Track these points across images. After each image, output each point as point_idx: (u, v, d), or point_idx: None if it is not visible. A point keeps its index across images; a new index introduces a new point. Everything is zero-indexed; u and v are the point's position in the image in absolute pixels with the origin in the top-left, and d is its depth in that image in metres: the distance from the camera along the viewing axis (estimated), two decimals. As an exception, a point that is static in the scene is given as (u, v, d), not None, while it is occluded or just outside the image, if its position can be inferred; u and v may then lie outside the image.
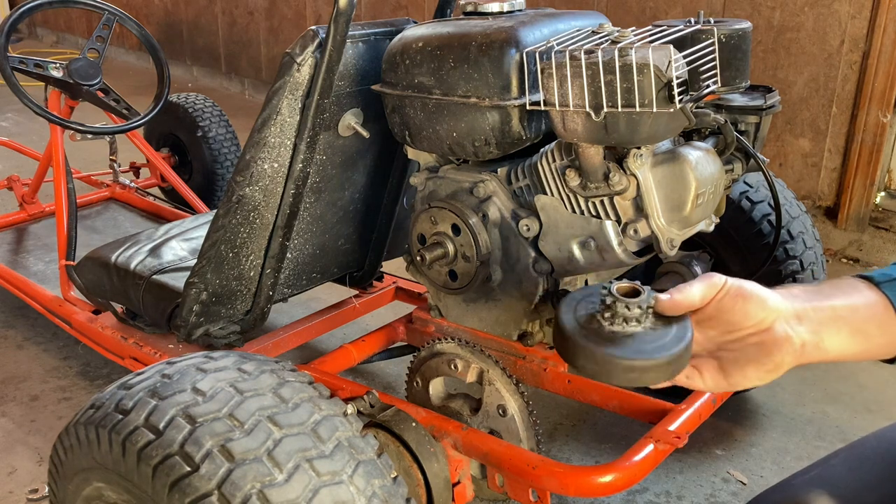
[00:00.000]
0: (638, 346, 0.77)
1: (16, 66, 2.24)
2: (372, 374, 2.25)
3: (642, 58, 1.11)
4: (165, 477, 0.94)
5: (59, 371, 2.26)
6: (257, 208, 1.48)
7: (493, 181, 1.41)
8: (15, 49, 6.70)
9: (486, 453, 1.29)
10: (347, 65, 1.47)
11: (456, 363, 1.42)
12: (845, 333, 0.80)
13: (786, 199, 1.84)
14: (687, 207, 1.29)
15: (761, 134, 1.46)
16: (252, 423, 0.96)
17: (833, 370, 2.29)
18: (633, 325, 0.79)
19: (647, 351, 0.77)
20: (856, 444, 0.93)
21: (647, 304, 0.80)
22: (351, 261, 1.86)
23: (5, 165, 3.66)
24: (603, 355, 0.77)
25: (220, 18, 5.82)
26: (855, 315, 0.81)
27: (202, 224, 2.03)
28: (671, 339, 0.78)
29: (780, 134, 3.24)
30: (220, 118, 3.06)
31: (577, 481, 1.20)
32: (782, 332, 0.78)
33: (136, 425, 0.98)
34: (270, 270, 1.55)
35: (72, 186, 2.29)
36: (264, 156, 1.43)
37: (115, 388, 1.07)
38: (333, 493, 0.93)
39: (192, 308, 1.55)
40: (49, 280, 2.28)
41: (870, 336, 0.81)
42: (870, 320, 0.81)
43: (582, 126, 1.19)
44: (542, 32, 1.33)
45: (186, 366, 1.06)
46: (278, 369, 1.08)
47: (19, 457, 1.90)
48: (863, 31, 2.93)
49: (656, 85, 1.11)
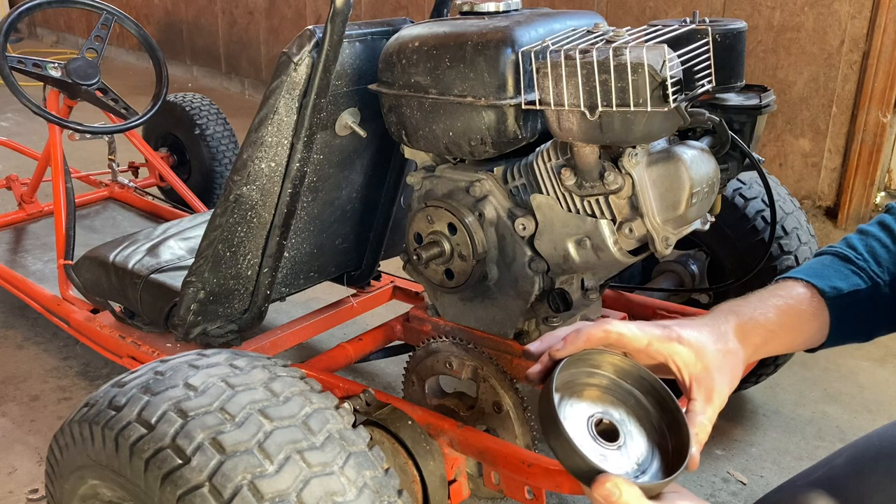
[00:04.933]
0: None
1: (14, 66, 2.24)
2: (372, 373, 2.25)
3: (637, 57, 1.11)
4: (157, 470, 0.94)
5: (59, 371, 2.26)
6: (254, 207, 1.48)
7: (489, 180, 1.41)
8: (15, 49, 6.70)
9: (481, 451, 1.29)
10: (344, 64, 1.47)
11: (451, 361, 1.43)
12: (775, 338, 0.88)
13: (779, 196, 1.84)
14: (682, 206, 1.29)
15: (757, 133, 1.46)
16: (243, 416, 0.97)
17: (833, 370, 2.29)
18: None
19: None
20: (859, 444, 0.93)
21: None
22: (348, 260, 1.87)
23: (4, 165, 3.67)
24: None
25: (220, 18, 5.83)
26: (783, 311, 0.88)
27: (200, 223, 2.03)
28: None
29: (780, 134, 3.24)
30: (217, 117, 3.07)
31: (571, 479, 1.20)
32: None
33: (128, 420, 0.98)
34: (268, 269, 1.56)
35: (70, 186, 2.29)
36: (261, 155, 1.43)
37: (108, 386, 1.08)
38: (324, 484, 0.93)
39: (189, 307, 1.55)
40: (48, 279, 2.28)
41: (794, 328, 0.88)
42: (794, 312, 0.89)
43: (577, 125, 1.19)
44: (538, 32, 1.33)
45: (179, 363, 1.07)
46: (270, 365, 1.09)
47: (19, 457, 1.90)
48: (863, 31, 2.93)
49: (651, 84, 1.12)
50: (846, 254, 0.94)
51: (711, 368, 0.80)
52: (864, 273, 0.92)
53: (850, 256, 0.94)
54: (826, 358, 2.35)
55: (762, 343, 0.87)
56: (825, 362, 2.33)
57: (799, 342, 0.91)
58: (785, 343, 0.89)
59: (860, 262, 0.93)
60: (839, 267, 0.93)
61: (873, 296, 0.91)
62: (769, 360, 1.91)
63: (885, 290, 0.91)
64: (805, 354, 2.25)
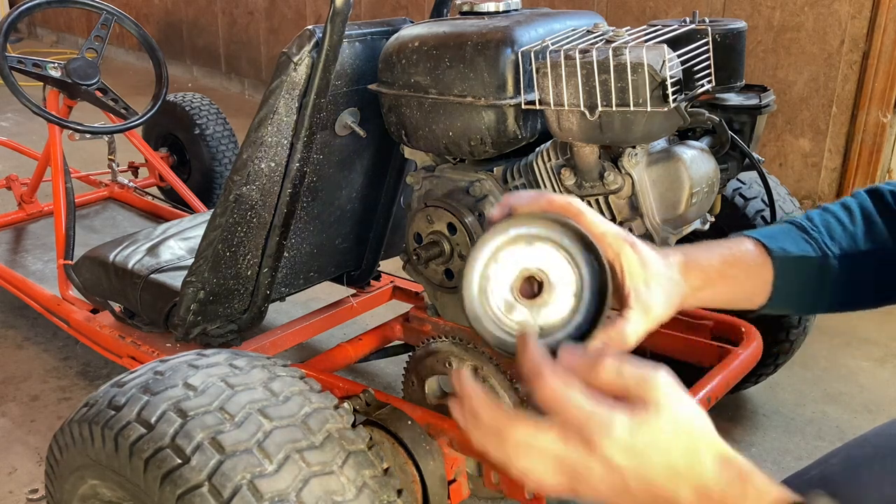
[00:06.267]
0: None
1: (14, 66, 2.24)
2: (372, 374, 2.25)
3: (636, 57, 1.12)
4: (157, 470, 0.94)
5: (59, 371, 2.26)
6: (254, 207, 1.48)
7: (489, 180, 1.41)
8: (15, 49, 6.71)
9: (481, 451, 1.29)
10: (344, 64, 1.47)
11: (450, 361, 1.43)
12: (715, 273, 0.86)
13: (779, 196, 1.85)
14: (682, 206, 1.29)
15: (756, 133, 1.46)
16: (242, 415, 0.97)
17: (833, 370, 2.29)
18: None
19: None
20: (855, 443, 0.92)
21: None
22: (348, 260, 1.87)
23: (4, 165, 3.67)
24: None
25: (219, 18, 5.83)
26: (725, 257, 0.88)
27: (200, 223, 2.03)
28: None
29: (780, 134, 3.24)
30: (217, 117, 3.07)
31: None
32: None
33: (128, 420, 0.99)
34: (268, 269, 1.56)
35: (70, 186, 2.29)
36: (261, 155, 1.43)
37: (108, 386, 1.08)
38: (323, 483, 0.93)
39: (189, 307, 1.55)
40: (47, 279, 2.28)
41: (736, 280, 0.87)
42: (738, 264, 0.87)
43: (577, 125, 1.19)
44: (538, 32, 1.33)
45: (178, 363, 1.07)
46: (269, 364, 1.09)
47: (19, 457, 1.90)
48: (863, 31, 2.92)
49: (651, 84, 1.12)
50: (802, 224, 0.94)
51: (653, 285, 0.78)
52: (815, 243, 0.91)
53: (805, 226, 0.93)
54: (826, 358, 2.35)
55: (701, 286, 0.85)
56: (825, 362, 2.33)
57: (739, 297, 0.90)
58: (724, 293, 0.88)
59: (814, 233, 0.92)
60: (792, 233, 0.93)
61: (821, 267, 0.91)
62: (769, 360, 1.91)
63: (833, 262, 0.91)
64: (805, 354, 2.26)
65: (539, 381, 0.64)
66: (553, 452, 0.62)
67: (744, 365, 1.53)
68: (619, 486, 0.61)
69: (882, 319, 2.58)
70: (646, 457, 0.61)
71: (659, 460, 0.61)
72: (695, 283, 0.85)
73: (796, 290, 0.91)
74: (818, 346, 2.39)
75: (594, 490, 0.62)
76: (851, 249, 0.92)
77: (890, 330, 2.52)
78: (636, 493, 0.61)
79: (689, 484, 0.61)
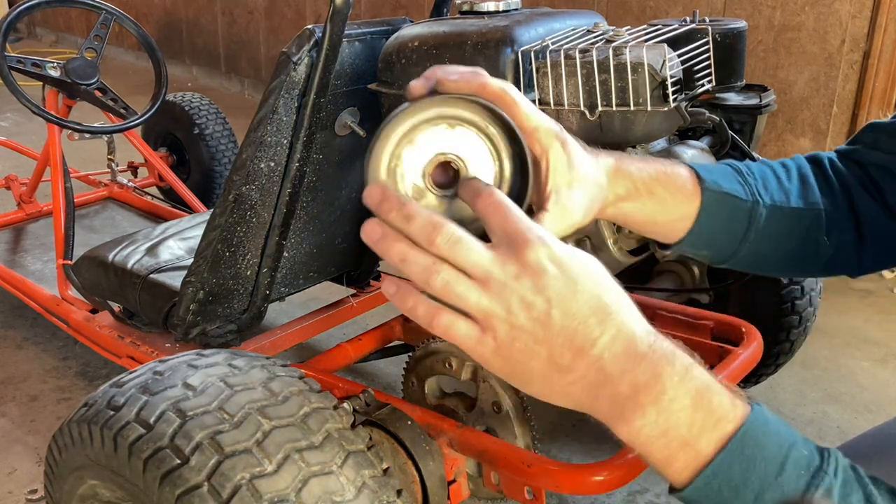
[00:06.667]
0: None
1: (13, 66, 2.24)
2: (372, 374, 2.25)
3: (637, 57, 1.11)
4: (156, 470, 0.94)
5: (59, 371, 2.26)
6: (254, 207, 1.48)
7: (488, 180, 1.41)
8: (14, 48, 6.70)
9: (481, 451, 1.29)
10: (344, 64, 1.47)
11: (450, 361, 1.42)
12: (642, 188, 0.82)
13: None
14: (682, 206, 1.29)
15: (757, 133, 1.46)
16: (242, 415, 0.97)
17: (833, 370, 2.29)
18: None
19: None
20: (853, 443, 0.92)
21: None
22: (348, 260, 1.86)
23: (4, 165, 3.67)
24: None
25: (219, 18, 5.83)
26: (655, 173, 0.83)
27: (199, 223, 2.03)
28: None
29: (780, 134, 3.23)
30: (217, 117, 3.06)
31: (571, 479, 1.20)
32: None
33: (127, 420, 0.98)
34: (267, 269, 1.55)
35: (69, 186, 2.29)
36: (261, 155, 1.43)
37: (107, 386, 1.08)
38: (323, 483, 0.93)
39: (188, 307, 1.55)
40: (47, 279, 2.28)
41: (662, 200, 0.83)
42: (668, 185, 0.83)
43: (577, 125, 1.19)
44: (538, 31, 1.33)
45: (178, 363, 1.06)
46: (269, 365, 1.09)
47: (18, 457, 1.90)
48: (863, 31, 2.92)
49: (651, 84, 1.11)
50: (739, 167, 0.91)
51: (576, 187, 0.73)
52: (748, 187, 0.89)
53: (742, 170, 0.91)
54: (826, 358, 2.35)
55: (626, 196, 0.81)
56: (825, 362, 2.33)
57: (659, 220, 0.85)
58: (646, 211, 0.83)
59: (749, 178, 0.90)
60: (728, 172, 0.90)
61: (750, 213, 0.88)
62: (769, 360, 1.91)
63: (761, 211, 0.88)
64: (806, 354, 2.26)
65: (481, 195, 0.60)
66: (479, 264, 0.56)
67: (744, 365, 1.53)
68: (539, 316, 0.56)
69: (882, 319, 2.58)
70: (578, 282, 0.56)
71: (590, 289, 0.56)
72: (620, 191, 0.80)
73: (718, 230, 0.88)
74: (818, 346, 2.39)
75: (510, 325, 0.56)
76: (782, 203, 0.90)
77: (890, 330, 2.52)
78: (554, 328, 0.56)
79: (615, 327, 0.56)
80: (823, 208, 0.91)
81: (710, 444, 0.56)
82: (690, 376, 0.57)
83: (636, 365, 0.56)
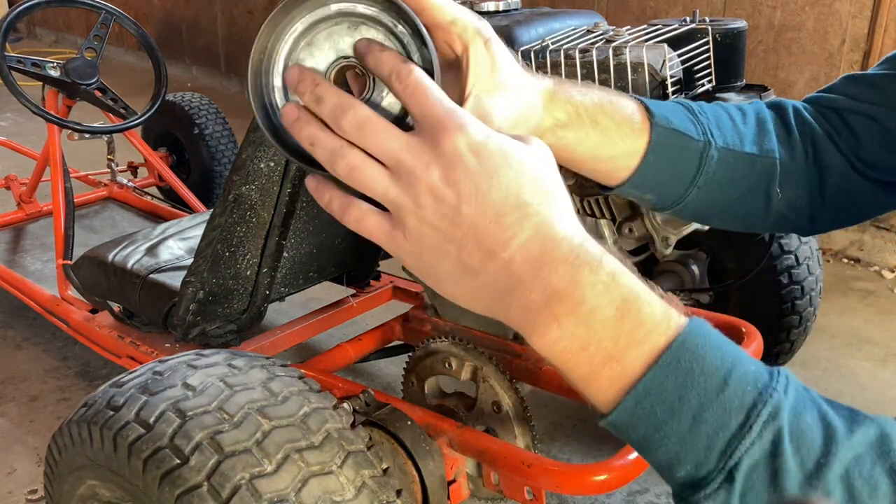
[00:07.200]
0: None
1: (13, 66, 2.24)
2: (372, 374, 2.25)
3: (637, 57, 1.11)
4: (156, 470, 0.94)
5: (58, 371, 2.26)
6: (254, 207, 1.48)
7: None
8: (14, 48, 6.71)
9: (481, 451, 1.29)
10: (343, 63, 1.47)
11: (450, 361, 1.42)
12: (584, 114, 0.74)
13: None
14: (682, 206, 1.29)
15: (757, 132, 1.46)
16: (241, 415, 0.97)
17: (834, 370, 2.29)
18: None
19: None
20: None
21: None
22: (348, 260, 1.86)
23: (3, 165, 3.66)
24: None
25: (219, 18, 5.83)
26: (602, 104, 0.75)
27: (199, 223, 2.03)
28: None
29: (779, 133, 3.23)
30: (217, 117, 3.06)
31: (571, 479, 1.20)
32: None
33: (126, 420, 0.99)
34: (267, 269, 1.55)
35: (69, 186, 2.29)
36: (260, 155, 1.43)
37: (107, 386, 1.08)
38: (322, 483, 0.93)
39: (188, 307, 1.55)
40: (46, 279, 2.28)
41: (607, 130, 0.75)
42: (614, 116, 0.75)
43: (577, 124, 1.19)
44: (538, 31, 1.33)
45: (177, 363, 1.06)
46: (268, 364, 1.09)
47: (18, 457, 1.90)
48: (864, 31, 2.92)
49: (651, 84, 1.11)
50: (691, 105, 0.84)
51: (500, 96, 0.63)
52: (700, 126, 0.81)
53: (695, 109, 0.83)
54: (827, 358, 2.35)
55: (566, 122, 0.72)
56: (826, 362, 2.33)
57: (603, 154, 0.76)
58: (589, 142, 0.75)
59: (701, 118, 0.82)
60: (679, 110, 0.82)
61: (701, 154, 0.80)
62: (769, 360, 1.91)
63: (713, 153, 0.81)
64: (806, 354, 2.25)
65: (399, 74, 0.53)
66: (390, 148, 0.51)
67: (744, 365, 1.53)
68: (447, 212, 0.50)
69: (882, 319, 2.58)
70: (496, 175, 0.49)
71: (509, 183, 0.50)
72: (559, 116, 0.72)
73: (667, 170, 0.80)
74: (819, 346, 2.38)
75: (419, 220, 0.51)
76: (735, 147, 0.82)
77: (890, 330, 2.52)
78: (462, 226, 0.50)
79: (532, 228, 0.50)
80: (779, 157, 0.84)
81: (639, 358, 0.49)
82: (616, 283, 0.50)
83: (553, 271, 0.49)
